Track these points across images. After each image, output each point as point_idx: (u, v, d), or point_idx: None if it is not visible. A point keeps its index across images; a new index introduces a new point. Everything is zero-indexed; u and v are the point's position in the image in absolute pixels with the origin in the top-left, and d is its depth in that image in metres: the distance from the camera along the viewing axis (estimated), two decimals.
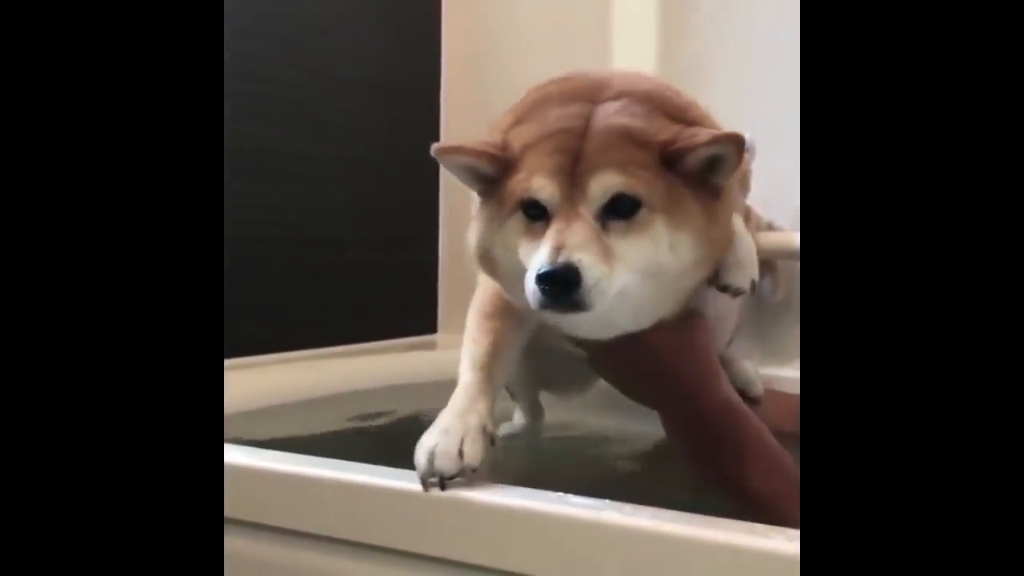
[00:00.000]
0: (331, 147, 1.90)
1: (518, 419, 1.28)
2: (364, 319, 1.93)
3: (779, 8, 1.76)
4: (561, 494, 0.78)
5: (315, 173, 1.86)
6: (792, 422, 1.26)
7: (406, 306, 2.06)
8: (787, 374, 1.61)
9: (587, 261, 0.80)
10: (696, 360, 0.98)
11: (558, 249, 0.81)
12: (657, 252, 0.85)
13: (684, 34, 1.88)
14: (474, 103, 2.06)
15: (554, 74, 0.97)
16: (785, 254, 1.68)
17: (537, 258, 0.82)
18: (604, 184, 0.84)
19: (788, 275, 1.74)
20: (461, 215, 1.02)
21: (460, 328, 1.04)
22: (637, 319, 0.91)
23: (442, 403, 1.61)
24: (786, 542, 0.67)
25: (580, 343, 0.99)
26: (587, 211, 0.84)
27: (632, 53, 1.94)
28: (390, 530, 0.84)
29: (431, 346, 2.01)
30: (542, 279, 0.80)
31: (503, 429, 1.27)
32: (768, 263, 1.69)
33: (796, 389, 1.52)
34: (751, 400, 1.19)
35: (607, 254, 0.82)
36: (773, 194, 1.72)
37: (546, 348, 1.05)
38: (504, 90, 0.99)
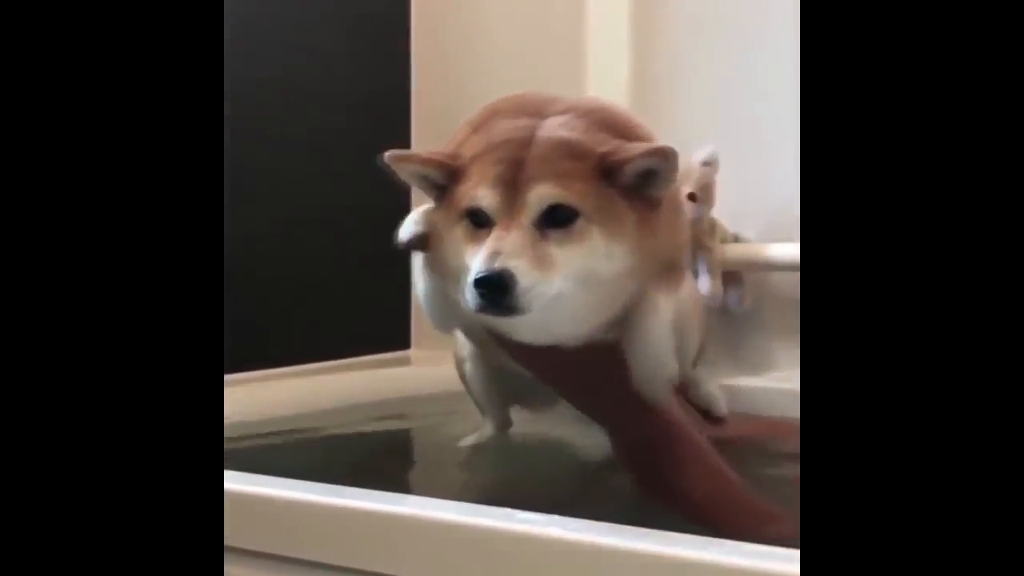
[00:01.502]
0: (299, 162, 1.90)
1: (486, 430, 1.29)
2: (336, 336, 1.93)
3: (752, 21, 1.79)
4: (508, 510, 0.78)
5: (283, 189, 1.86)
6: (763, 440, 1.30)
7: (379, 322, 2.06)
8: (757, 384, 1.63)
9: (521, 267, 0.85)
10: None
11: (494, 255, 0.85)
12: (593, 260, 0.89)
13: (656, 50, 1.91)
14: (445, 118, 2.07)
15: (525, 88, 1.01)
16: (751, 266, 1.71)
17: (475, 264, 0.86)
18: (541, 194, 0.88)
19: (754, 287, 1.76)
20: None
21: (434, 344, 1.06)
22: (574, 326, 0.94)
23: (417, 418, 1.62)
24: (726, 555, 0.67)
25: (520, 358, 1.02)
26: (526, 219, 0.88)
27: (605, 67, 1.96)
28: (390, 556, 0.82)
29: (405, 362, 2.01)
30: (478, 283, 0.85)
31: (469, 440, 1.29)
32: (734, 275, 1.72)
33: (765, 399, 1.55)
34: (715, 420, 1.22)
35: (543, 260, 0.87)
36: (740, 206, 1.75)
37: (515, 371, 1.09)
38: (474, 103, 1.02)
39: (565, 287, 0.88)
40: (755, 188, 1.77)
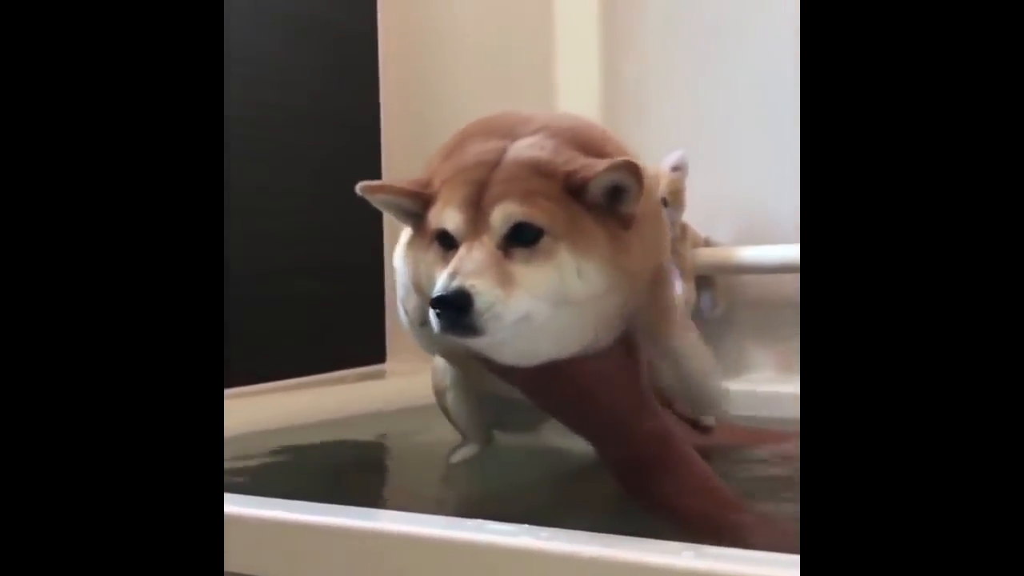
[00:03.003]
0: (274, 178, 1.90)
1: (472, 447, 1.29)
2: (312, 351, 1.93)
3: (722, 27, 1.81)
4: (479, 520, 0.78)
5: (258, 205, 1.86)
6: (744, 446, 1.31)
7: (354, 336, 2.06)
8: (732, 388, 1.64)
9: (480, 286, 0.84)
10: (622, 390, 1.00)
11: (453, 275, 0.84)
12: (563, 279, 0.87)
13: (626, 59, 1.92)
14: (414, 129, 2.08)
15: (494, 98, 1.00)
16: (723, 269, 1.72)
17: (437, 284, 0.85)
18: (505, 213, 0.87)
19: (727, 290, 1.77)
20: None
21: (409, 356, 1.06)
22: (560, 346, 0.93)
23: (395, 431, 1.62)
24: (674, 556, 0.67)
25: (509, 376, 1.01)
26: (490, 239, 0.87)
27: (575, 76, 1.98)
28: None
29: (381, 375, 2.01)
30: (435, 303, 0.84)
31: (457, 456, 1.29)
32: (707, 279, 1.73)
33: (741, 402, 1.56)
34: (704, 430, 1.22)
35: (506, 280, 0.85)
36: (712, 210, 1.76)
37: (499, 397, 1.08)
38: (443, 116, 1.01)
39: (535, 307, 0.87)
40: (727, 192, 1.79)
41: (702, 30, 1.84)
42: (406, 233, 1.02)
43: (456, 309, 0.83)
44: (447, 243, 0.90)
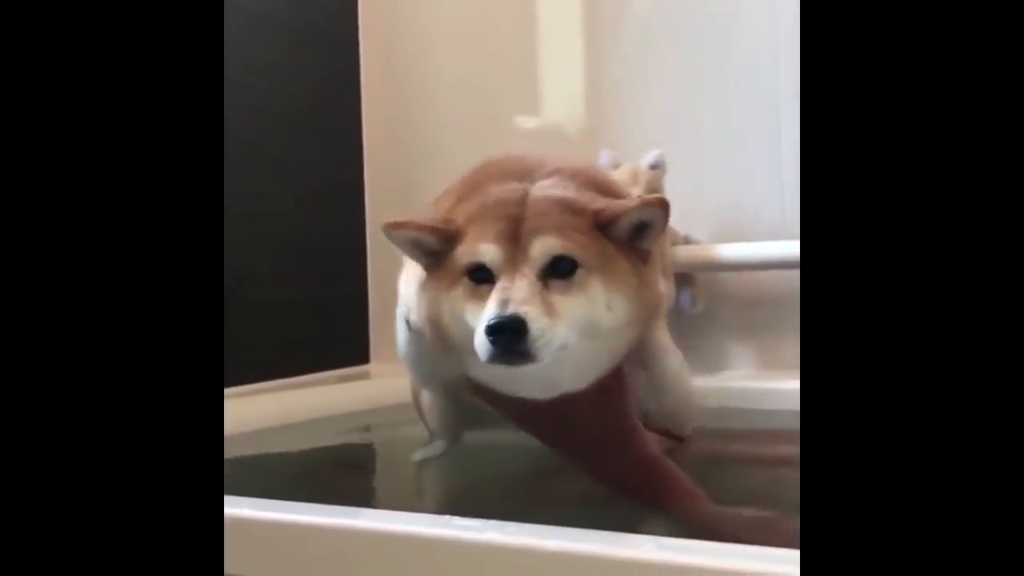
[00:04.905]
0: (257, 183, 1.90)
1: (437, 445, 1.30)
2: (297, 352, 1.94)
3: (701, 33, 1.83)
4: (446, 516, 0.80)
5: (243, 210, 1.86)
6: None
7: (339, 338, 2.07)
8: (712, 384, 1.66)
9: (532, 313, 0.86)
10: (614, 418, 1.03)
11: (505, 302, 0.87)
12: (595, 310, 0.92)
13: (608, 61, 1.94)
14: (395, 136, 2.09)
15: (476, 103, 1.01)
16: (703, 266, 1.73)
17: (486, 312, 0.87)
18: (545, 246, 0.91)
19: (707, 287, 1.79)
20: (386, 249, 1.06)
21: (391, 357, 1.07)
22: (577, 377, 0.96)
23: (378, 429, 1.63)
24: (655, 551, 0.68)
25: (502, 407, 1.03)
26: (530, 271, 0.90)
27: (557, 81, 1.99)
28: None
29: (365, 376, 2.03)
30: (491, 330, 0.85)
31: (421, 453, 1.30)
32: (687, 276, 1.74)
33: (719, 398, 1.57)
34: (677, 439, 1.25)
35: (550, 309, 0.88)
36: (690, 208, 1.77)
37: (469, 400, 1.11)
38: (425, 120, 1.02)
39: (570, 337, 0.90)
40: (705, 190, 1.80)
41: (682, 34, 1.86)
42: (408, 277, 1.04)
43: (514, 334, 0.85)
44: (479, 277, 0.93)
